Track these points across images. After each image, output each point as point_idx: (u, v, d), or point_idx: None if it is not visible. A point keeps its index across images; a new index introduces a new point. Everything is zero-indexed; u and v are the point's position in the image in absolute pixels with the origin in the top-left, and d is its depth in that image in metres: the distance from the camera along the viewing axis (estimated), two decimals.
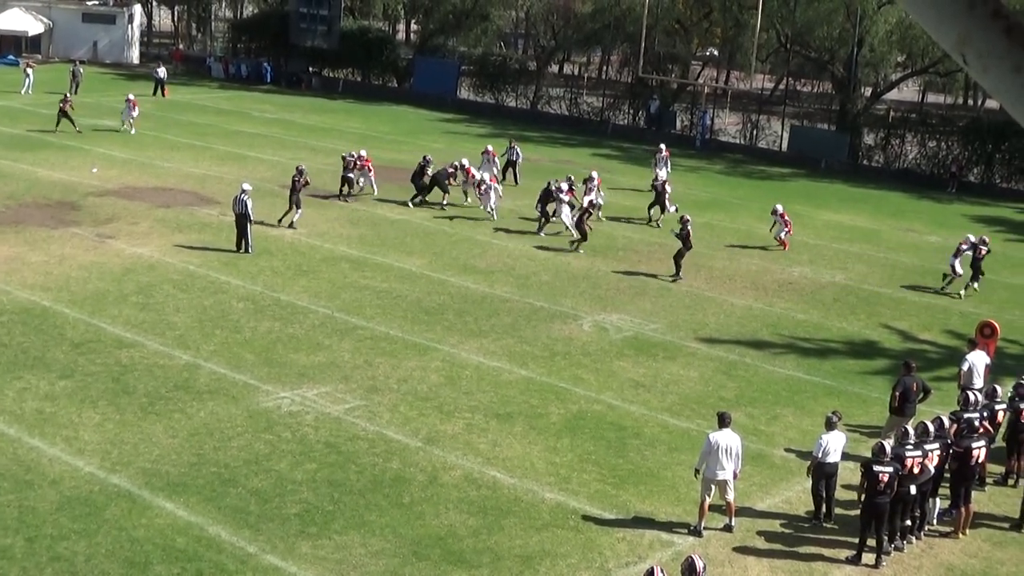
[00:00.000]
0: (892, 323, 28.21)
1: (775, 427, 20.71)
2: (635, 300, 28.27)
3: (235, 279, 27.44)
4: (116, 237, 30.51)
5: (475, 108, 65.08)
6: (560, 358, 23.57)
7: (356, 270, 29.13)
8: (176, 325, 23.80)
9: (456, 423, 19.65)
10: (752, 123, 59.36)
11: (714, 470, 16.29)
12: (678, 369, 23.46)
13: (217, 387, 20.50)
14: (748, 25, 57.84)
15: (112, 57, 75.20)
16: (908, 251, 36.50)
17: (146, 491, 16.30)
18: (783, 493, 18.02)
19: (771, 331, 26.71)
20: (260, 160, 43.25)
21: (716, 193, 44.29)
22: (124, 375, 20.73)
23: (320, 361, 22.24)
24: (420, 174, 37.69)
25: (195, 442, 18.07)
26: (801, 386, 23.12)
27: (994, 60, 1.93)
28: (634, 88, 64.12)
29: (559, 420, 20.20)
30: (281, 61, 72.35)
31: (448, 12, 70.40)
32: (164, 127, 50.14)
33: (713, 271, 31.80)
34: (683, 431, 20.10)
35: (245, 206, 29.51)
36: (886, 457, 15.88)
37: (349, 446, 18.36)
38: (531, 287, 28.79)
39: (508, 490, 17.25)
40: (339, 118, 57.56)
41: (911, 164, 53.80)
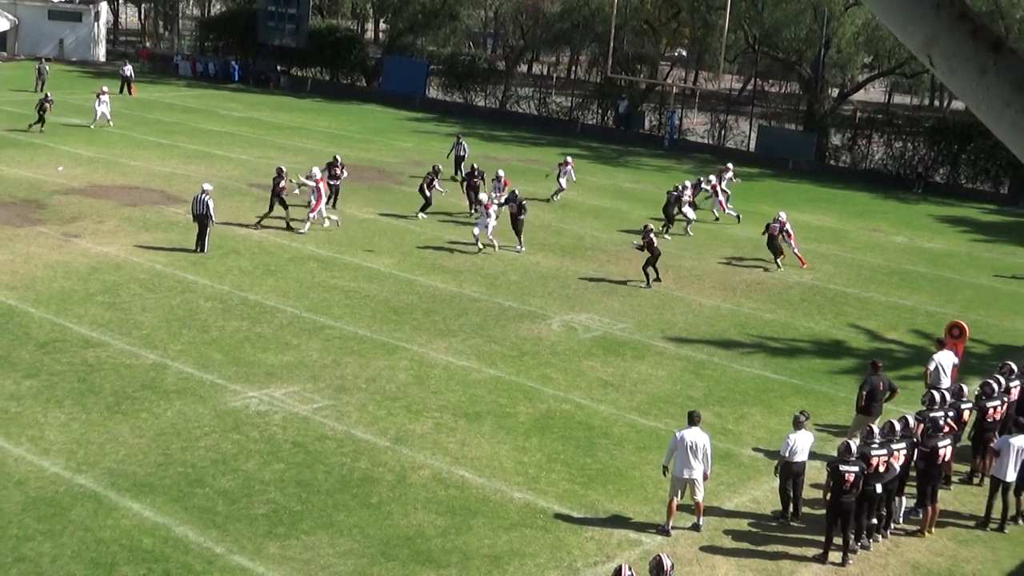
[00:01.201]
0: (859, 323, 28.37)
1: (743, 426, 20.79)
2: (604, 299, 28.32)
3: (202, 278, 27.32)
4: (82, 236, 30.31)
5: (444, 107, 65.06)
6: (529, 357, 23.58)
7: (324, 269, 29.05)
8: (143, 324, 23.66)
9: (425, 422, 19.63)
10: (720, 123, 59.60)
11: (682, 469, 16.33)
12: (647, 368, 23.51)
13: (184, 387, 20.40)
14: (716, 26, 58.05)
15: (78, 55, 74.73)
16: (874, 251, 36.72)
17: (112, 491, 16.20)
18: (751, 492, 18.09)
19: (739, 331, 26.80)
20: (228, 159, 43.07)
21: None
22: (90, 375, 20.60)
23: (288, 360, 22.17)
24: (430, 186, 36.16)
25: (162, 442, 17.97)
26: (769, 385, 23.21)
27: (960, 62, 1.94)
28: (603, 88, 64.21)
29: (528, 419, 20.20)
30: (249, 60, 72.10)
31: (417, 11, 70.30)
32: (131, 125, 49.83)
33: (681, 271, 31.88)
34: (651, 430, 20.14)
35: (206, 206, 29.34)
36: (852, 456, 15.97)
37: (317, 446, 18.31)
38: (500, 287, 28.79)
39: (477, 490, 17.24)
40: (307, 117, 57.39)
41: (877, 164, 54.15)
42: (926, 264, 35.47)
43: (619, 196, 42.29)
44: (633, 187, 44.83)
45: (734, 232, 37.54)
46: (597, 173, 47.69)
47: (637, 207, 40.33)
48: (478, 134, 54.85)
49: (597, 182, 45.15)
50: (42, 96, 47.20)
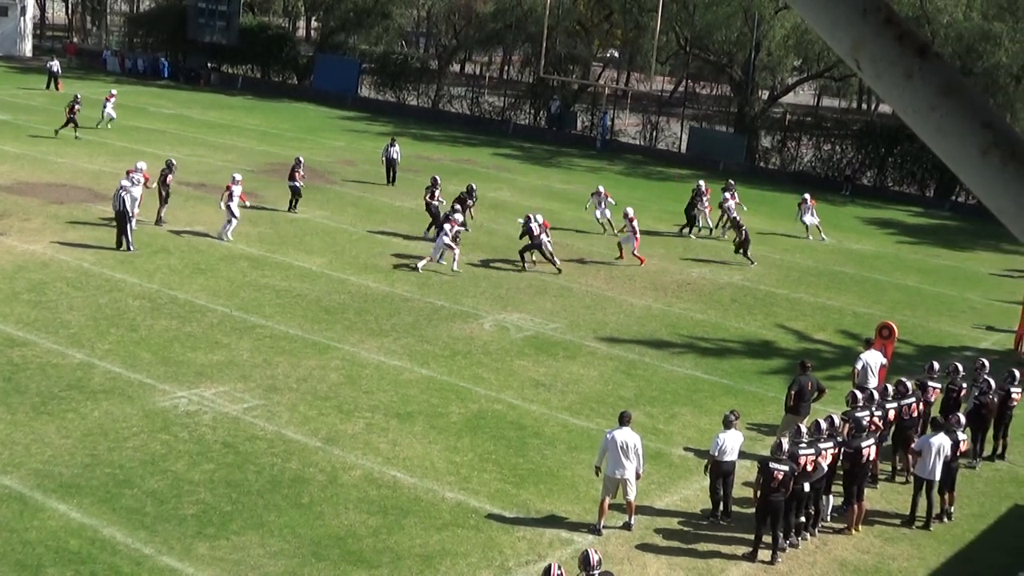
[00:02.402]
0: (788, 323, 28.69)
1: (673, 426, 20.95)
2: (535, 299, 28.39)
3: (131, 277, 27.02)
4: (7, 234, 29.85)
5: (376, 106, 64.89)
6: (461, 357, 23.59)
7: (255, 268, 28.85)
8: (70, 323, 23.36)
9: (356, 423, 19.57)
10: (652, 124, 59.97)
11: (614, 469, 16.42)
12: (578, 368, 23.61)
13: (112, 386, 20.17)
14: (648, 27, 58.39)
15: (4, 50, 73.60)
16: (803, 252, 37.14)
17: (38, 492, 15.98)
18: (681, 491, 18.23)
19: (670, 331, 26.99)
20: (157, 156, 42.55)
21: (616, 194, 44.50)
22: (16, 374, 20.30)
23: (218, 360, 22.00)
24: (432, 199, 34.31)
25: (89, 442, 17.76)
26: (699, 385, 23.40)
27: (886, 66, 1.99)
28: (535, 88, 64.37)
29: (459, 419, 20.21)
30: (179, 56, 71.42)
31: (349, 9, 70.06)
32: (58, 121, 49.12)
33: (613, 271, 32.04)
34: (583, 430, 20.23)
35: (123, 202, 28.95)
36: (783, 455, 16.16)
37: (247, 446, 18.19)
38: (432, 286, 28.77)
39: (408, 489, 17.23)
40: (238, 115, 56.96)
41: (806, 167, 54.76)
42: (854, 265, 35.94)
43: (551, 197, 42.40)
44: (565, 188, 44.96)
45: (666, 233, 37.77)
46: (529, 173, 47.79)
47: (569, 207, 40.45)
48: (410, 133, 54.74)
49: (529, 182, 45.24)
50: (71, 99, 46.00)
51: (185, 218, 33.14)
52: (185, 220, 32.95)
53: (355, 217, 35.73)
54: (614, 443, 16.44)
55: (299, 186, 35.38)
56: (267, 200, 36.98)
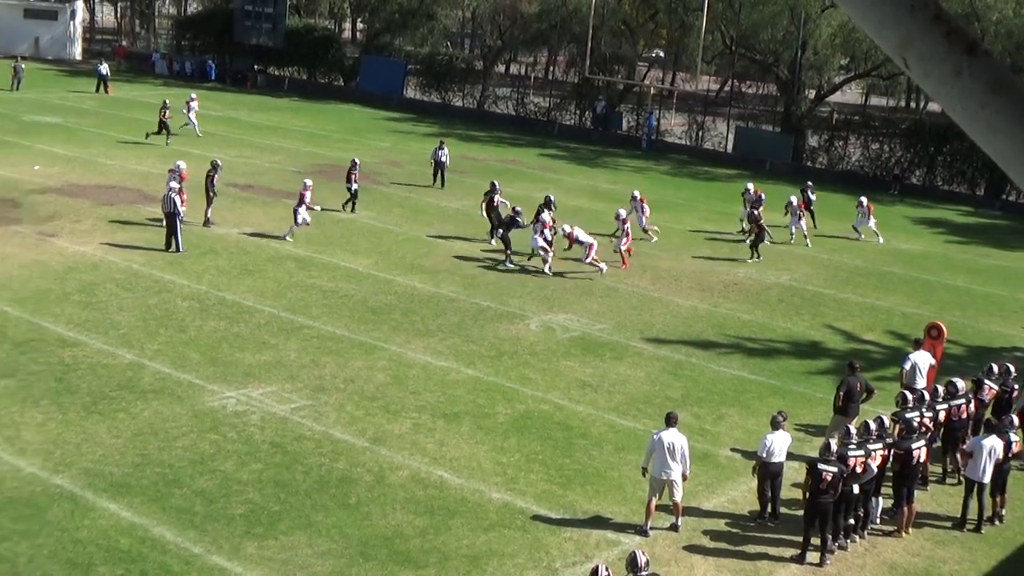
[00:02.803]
0: (836, 324, 28.50)
1: (721, 427, 20.87)
2: (582, 300, 28.37)
3: (180, 278, 27.26)
4: (58, 235, 30.20)
5: (422, 107, 65.05)
6: (507, 358, 23.62)
7: (302, 269, 29.02)
8: (120, 324, 23.60)
9: (403, 423, 19.64)
10: (698, 124, 59.73)
11: (660, 470, 16.39)
12: (625, 369, 23.57)
13: (161, 386, 20.36)
14: (694, 27, 58.18)
15: (54, 53, 74.43)
16: (851, 252, 36.87)
17: (89, 492, 16.16)
18: (729, 493, 18.17)
19: (717, 331, 26.89)
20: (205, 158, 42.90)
21: (662, 194, 44.47)
22: (67, 374, 20.53)
23: (266, 360, 22.14)
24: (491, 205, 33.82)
25: (139, 442, 17.94)
26: (747, 386, 23.30)
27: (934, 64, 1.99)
28: (580, 88, 64.29)
29: (506, 420, 20.24)
30: (226, 59, 71.92)
31: (394, 11, 70.30)
32: (107, 124, 49.67)
33: (659, 272, 31.97)
34: (630, 431, 20.20)
35: (173, 204, 29.25)
36: (832, 456, 16.06)
37: (295, 446, 18.30)
38: (478, 287, 28.82)
39: (455, 490, 17.27)
40: (285, 116, 57.30)
41: (854, 166, 54.34)
42: (902, 265, 35.65)
43: (596, 197, 42.35)
44: (611, 188, 44.88)
45: (712, 233, 37.65)
46: (575, 174, 47.75)
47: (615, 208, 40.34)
48: (456, 134, 54.83)
49: (575, 182, 45.20)
50: (160, 106, 46.35)
51: (233, 219, 33.39)
52: (233, 221, 33.20)
53: (401, 218, 35.85)
54: (660, 444, 16.41)
55: (355, 188, 35.58)
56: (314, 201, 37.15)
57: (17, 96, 56.29)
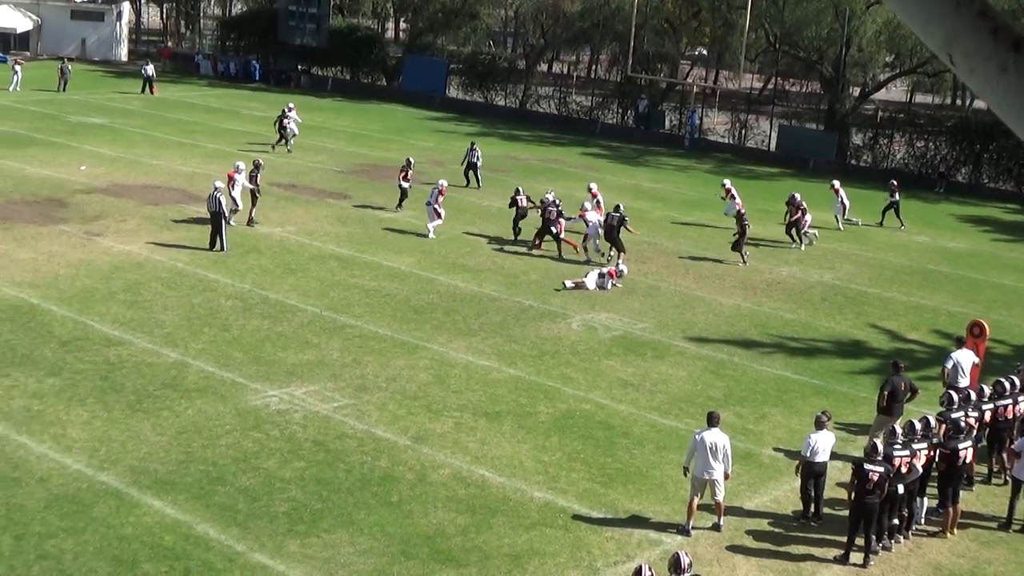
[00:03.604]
0: (880, 323, 28.28)
1: (763, 426, 20.76)
2: (624, 299, 28.30)
3: (223, 277, 27.41)
4: (104, 235, 30.46)
5: (464, 107, 65.12)
6: (549, 357, 23.59)
7: (345, 269, 29.11)
8: (164, 323, 23.76)
9: (445, 422, 19.66)
10: (741, 123, 59.46)
11: (703, 469, 16.33)
12: (667, 368, 23.50)
13: (205, 385, 20.48)
14: (737, 25, 57.95)
15: (100, 54, 75.14)
16: (896, 251, 36.58)
17: (134, 489, 16.28)
18: (771, 492, 18.07)
19: (760, 330, 26.75)
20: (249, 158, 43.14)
21: (705, 193, 44.31)
22: (112, 373, 20.70)
23: (309, 359, 22.23)
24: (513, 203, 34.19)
25: (183, 440, 18.05)
26: (789, 385, 23.17)
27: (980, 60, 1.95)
28: (623, 87, 64.19)
29: (548, 419, 20.22)
30: (270, 59, 72.30)
31: (437, 10, 70.42)
32: (153, 124, 50.06)
33: (702, 270, 31.84)
34: (671, 430, 20.13)
35: (219, 203, 29.44)
36: (878, 456, 15.94)
37: (337, 444, 18.36)
38: (520, 286, 28.81)
39: (497, 489, 17.26)
40: (328, 116, 57.53)
41: (899, 164, 53.89)
42: (948, 264, 35.34)
43: (639, 196, 42.23)
44: (653, 187, 44.79)
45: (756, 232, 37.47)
46: (617, 173, 47.64)
47: (658, 207, 40.30)
48: (498, 133, 54.87)
49: (617, 181, 45.09)
50: (279, 114, 46.17)
51: (276, 219, 33.56)
52: (276, 220, 33.37)
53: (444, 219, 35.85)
54: (703, 444, 16.34)
55: (407, 187, 35.78)
56: (356, 200, 37.32)
57: (64, 97, 56.87)
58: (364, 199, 37.55)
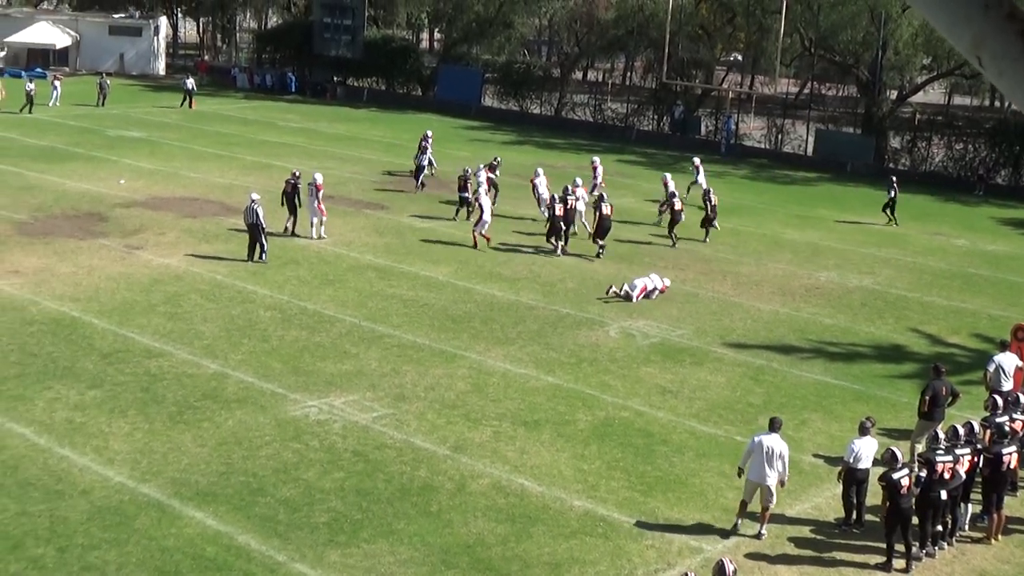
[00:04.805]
0: (920, 327, 28.08)
1: (803, 432, 20.65)
2: (661, 306, 28.23)
3: (262, 288, 27.56)
4: (144, 248, 30.69)
5: (499, 115, 65.17)
6: (587, 365, 23.57)
7: (382, 279, 29.20)
8: (204, 334, 23.91)
9: (484, 431, 19.68)
10: (777, 127, 59.25)
11: (759, 473, 16.32)
12: (705, 375, 23.43)
13: (245, 396, 20.59)
14: (772, 30, 57.75)
15: (138, 69, 75.75)
16: (936, 255, 36.32)
17: (176, 500, 16.39)
18: (812, 499, 17.97)
19: (798, 336, 26.63)
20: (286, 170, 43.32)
21: (741, 198, 44.20)
22: (153, 384, 20.85)
23: (347, 370, 22.31)
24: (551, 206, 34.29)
25: (224, 451, 18.16)
26: (829, 391, 23.04)
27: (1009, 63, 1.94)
28: (658, 94, 64.11)
29: (587, 427, 20.20)
30: (305, 71, 72.69)
31: (471, 20, 70.53)
32: (190, 137, 50.42)
33: (740, 276, 31.73)
34: (711, 437, 20.06)
35: (255, 215, 29.61)
36: (899, 463, 15.85)
37: (377, 454, 18.41)
38: (557, 294, 28.80)
39: (536, 498, 17.26)
40: (364, 127, 57.75)
41: (938, 167, 53.53)
42: (988, 267, 35.05)
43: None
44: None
45: (793, 237, 37.33)
46: (653, 180, 47.47)
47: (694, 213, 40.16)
48: (534, 142, 54.92)
49: (653, 189, 44.96)
50: (422, 136, 44.37)
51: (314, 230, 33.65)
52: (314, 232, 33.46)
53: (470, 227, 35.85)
54: (760, 447, 16.34)
55: (467, 196, 36.19)
56: (393, 210, 37.44)
57: (103, 112, 57.38)
58: (401, 209, 37.65)
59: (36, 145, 46.09)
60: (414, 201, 38.56)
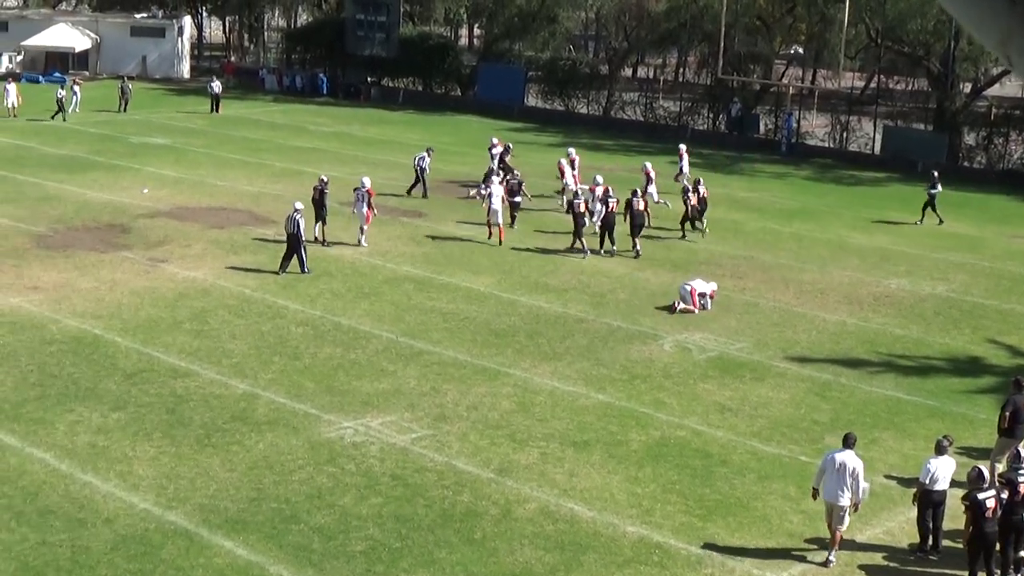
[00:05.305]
0: (999, 337, 27.81)
1: (874, 452, 20.47)
2: (719, 317, 28.12)
3: (293, 303, 27.68)
4: (168, 261, 30.91)
5: (544, 116, 65.17)
6: (640, 381, 23.50)
7: (421, 291, 29.25)
8: (232, 352, 24.04)
9: (530, 452, 19.64)
10: (841, 125, 58.91)
11: (831, 493, 16.26)
12: (767, 391, 23.30)
13: (276, 417, 20.66)
14: (835, 20, 57.52)
15: (162, 72, 76.34)
16: (1015, 259, 35.97)
17: (204, 528, 16.45)
18: (885, 523, 17.81)
19: (867, 348, 26.44)
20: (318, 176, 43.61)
21: (804, 201, 43.99)
22: (179, 406, 20.96)
23: (384, 388, 22.34)
24: None
25: (254, 476, 18.22)
26: (901, 407, 22.85)
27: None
28: (713, 90, 63.95)
29: (640, 447, 20.12)
30: (337, 71, 73.02)
31: (513, 15, 70.61)
32: (217, 143, 50.79)
33: (803, 284, 31.55)
34: (774, 457, 19.93)
35: (297, 226, 29.78)
36: (985, 483, 15.67)
37: (417, 478, 18.42)
38: (607, 305, 28.74)
39: (587, 524, 17.20)
40: (400, 130, 57.95)
41: (1016, 164, 53.04)
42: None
43: (733, 206, 42.00)
44: (748, 196, 44.50)
45: (860, 242, 37.10)
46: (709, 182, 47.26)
47: (753, 217, 40.03)
48: (581, 143, 54.81)
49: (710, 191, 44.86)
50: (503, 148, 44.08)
51: (348, 239, 33.80)
52: (348, 242, 33.59)
53: (523, 234, 35.91)
54: (831, 463, 16.31)
55: (519, 201, 36.73)
56: (431, 218, 37.52)
57: (125, 117, 57.92)
58: (440, 217, 37.73)
59: (55, 154, 46.59)
60: (453, 208, 38.62)
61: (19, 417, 20.19)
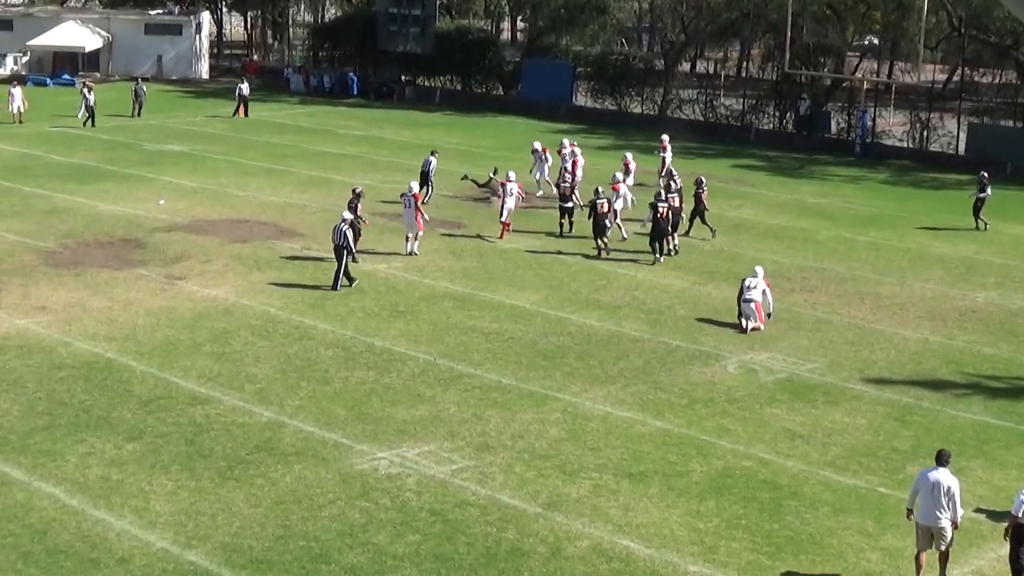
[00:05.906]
0: None
1: (962, 482, 20.31)
2: (788, 335, 28.02)
3: (322, 323, 27.78)
4: (187, 278, 31.09)
5: (594, 116, 65.23)
6: (701, 406, 23.44)
7: (461, 309, 29.30)
8: (256, 377, 24.14)
9: (581, 485, 19.62)
10: (921, 123, 58.69)
11: (932, 514, 16.24)
12: (842, 416, 23.18)
13: (304, 447, 20.72)
14: (913, 7, 57.28)
15: (178, 72, 76.87)
16: None
17: (226, 569, 16.51)
18: (973, 562, 17.68)
19: (952, 369, 26.27)
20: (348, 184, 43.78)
21: (881, 207, 43.77)
22: (199, 436, 21.07)
23: (422, 415, 22.38)
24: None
25: (281, 511, 18.28)
26: (991, 433, 22.69)
27: None
28: (780, 86, 63.84)
29: (702, 479, 20.06)
30: (369, 70, 73.34)
31: (560, 6, 70.67)
32: (238, 150, 51.11)
33: (880, 299, 31.40)
34: (850, 489, 19.83)
35: (344, 237, 29.94)
36: None
37: (457, 514, 18.43)
38: (665, 323, 28.70)
39: (644, 562, 17.17)
40: (437, 133, 58.10)
41: None
42: None
43: (802, 213, 41.87)
44: (819, 202, 44.34)
45: (943, 251, 36.88)
46: (775, 187, 47.29)
47: (825, 225, 39.87)
48: (635, 146, 54.79)
49: (776, 197, 44.76)
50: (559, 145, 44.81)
51: (381, 253, 33.90)
52: (381, 255, 33.71)
53: (573, 245, 35.94)
54: (925, 482, 16.30)
55: (570, 206, 37.39)
56: (470, 229, 37.60)
57: (139, 123, 58.41)
58: (480, 227, 37.79)
59: (64, 163, 47.03)
60: (496, 218, 38.68)
61: (26, 449, 20.34)
